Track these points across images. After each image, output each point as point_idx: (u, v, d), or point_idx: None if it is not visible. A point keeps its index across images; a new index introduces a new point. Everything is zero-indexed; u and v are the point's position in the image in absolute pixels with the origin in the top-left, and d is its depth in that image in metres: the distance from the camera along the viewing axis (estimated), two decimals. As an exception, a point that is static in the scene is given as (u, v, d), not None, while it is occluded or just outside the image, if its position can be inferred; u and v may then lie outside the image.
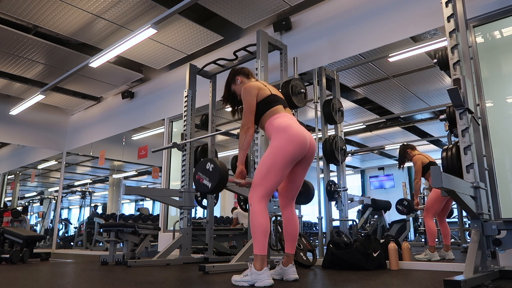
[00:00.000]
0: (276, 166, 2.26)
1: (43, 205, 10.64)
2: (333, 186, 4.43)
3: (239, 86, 2.62)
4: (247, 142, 2.38)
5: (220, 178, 2.32)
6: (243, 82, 2.63)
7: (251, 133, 2.40)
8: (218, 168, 2.33)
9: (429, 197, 4.00)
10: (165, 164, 6.16)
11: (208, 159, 2.44)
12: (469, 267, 2.14)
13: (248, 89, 2.47)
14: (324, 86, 4.73)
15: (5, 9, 4.64)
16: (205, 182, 2.37)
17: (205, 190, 2.39)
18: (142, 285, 2.27)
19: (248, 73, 2.69)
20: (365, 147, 9.72)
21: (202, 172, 2.40)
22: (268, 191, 2.29)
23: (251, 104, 2.43)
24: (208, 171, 2.37)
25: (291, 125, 2.34)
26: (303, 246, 3.42)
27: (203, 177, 2.39)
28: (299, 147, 2.29)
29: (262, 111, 2.45)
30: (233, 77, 2.68)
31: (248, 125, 2.40)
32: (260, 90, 2.48)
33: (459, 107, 2.48)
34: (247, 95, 2.45)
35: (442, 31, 3.36)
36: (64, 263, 4.40)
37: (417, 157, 4.21)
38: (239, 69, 2.70)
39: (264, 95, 2.47)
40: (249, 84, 2.52)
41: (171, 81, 6.44)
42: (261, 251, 2.21)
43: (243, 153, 2.41)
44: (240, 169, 2.45)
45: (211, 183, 2.35)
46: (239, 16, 4.77)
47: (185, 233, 4.27)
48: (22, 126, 7.99)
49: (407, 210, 5.51)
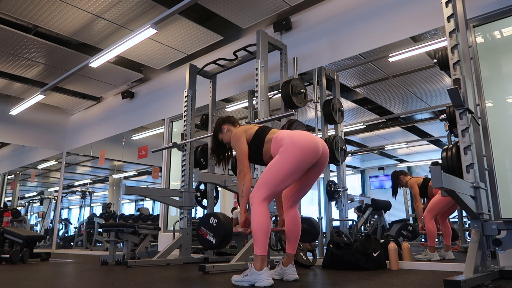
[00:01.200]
0: (284, 171, 2.25)
1: (43, 205, 10.64)
2: (333, 186, 4.43)
3: (227, 134, 2.63)
4: (246, 188, 2.34)
5: (224, 233, 2.26)
6: (229, 130, 2.63)
7: (249, 179, 2.37)
8: (222, 223, 2.26)
9: (433, 199, 3.98)
10: (165, 164, 6.16)
11: (212, 213, 2.37)
12: (469, 267, 2.14)
13: (236, 136, 2.48)
14: (324, 86, 4.73)
15: (5, 9, 4.64)
16: (209, 238, 2.32)
17: (209, 246, 2.33)
18: (142, 285, 2.27)
19: (234, 121, 2.69)
20: (365, 147, 9.72)
21: (205, 227, 2.34)
22: (272, 194, 2.29)
23: (243, 148, 2.43)
24: (211, 226, 2.31)
25: (298, 133, 2.35)
26: (303, 246, 3.42)
27: (206, 232, 2.33)
28: (309, 153, 2.28)
29: (260, 143, 2.44)
30: (219, 126, 2.68)
31: (244, 171, 2.38)
32: (248, 131, 2.49)
33: (459, 107, 2.48)
34: (237, 141, 2.45)
35: (442, 31, 3.36)
36: (64, 263, 4.40)
37: (411, 181, 4.27)
38: (225, 118, 2.70)
39: (253, 132, 2.48)
40: (236, 131, 2.53)
41: (171, 81, 6.44)
42: (261, 251, 2.21)
43: (244, 199, 2.36)
44: (244, 218, 2.42)
45: (215, 239, 2.29)
46: (239, 16, 4.77)
47: (185, 233, 4.27)
48: (22, 126, 7.99)
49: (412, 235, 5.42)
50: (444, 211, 3.94)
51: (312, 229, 3.18)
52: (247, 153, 2.43)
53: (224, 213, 2.35)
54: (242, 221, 2.43)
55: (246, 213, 2.42)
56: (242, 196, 2.36)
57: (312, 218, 3.17)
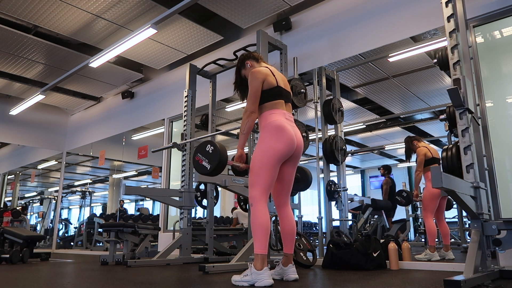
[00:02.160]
0: (269, 164, 2.29)
1: (43, 205, 10.64)
2: (333, 186, 4.43)
3: (249, 70, 2.57)
4: (248, 127, 2.36)
5: (219, 160, 2.33)
6: (253, 66, 2.59)
7: (253, 118, 2.38)
8: (217, 151, 2.33)
9: (424, 197, 3.97)
10: (165, 164, 6.16)
11: (208, 141, 2.43)
12: (469, 267, 2.14)
13: (255, 74, 2.43)
14: (324, 86, 4.73)
15: (5, 9, 4.64)
16: (204, 164, 2.38)
17: (204, 171, 2.39)
18: (142, 285, 2.27)
19: (258, 58, 2.64)
20: (365, 147, 9.72)
21: (201, 154, 2.40)
22: (264, 188, 2.30)
23: (257, 90, 2.40)
24: (208, 153, 2.37)
25: (283, 126, 2.35)
26: (303, 246, 3.42)
27: (202, 158, 2.39)
28: (288, 148, 2.33)
29: (263, 100, 2.43)
30: (242, 62, 2.64)
31: (251, 110, 2.38)
32: (267, 78, 2.44)
33: (459, 107, 2.48)
34: (254, 80, 2.42)
35: (442, 31, 3.36)
36: (64, 263, 4.40)
37: (421, 148, 4.12)
38: (249, 53, 2.67)
39: (270, 85, 2.43)
40: (257, 69, 2.48)
41: (171, 81, 6.44)
42: (261, 250, 2.21)
43: (244, 137, 2.40)
44: (240, 153, 2.44)
45: (210, 165, 2.35)
46: (239, 16, 4.77)
47: (185, 233, 4.27)
48: (22, 126, 7.99)
49: (406, 201, 5.51)
50: (438, 208, 3.94)
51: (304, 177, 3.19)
52: (259, 95, 2.41)
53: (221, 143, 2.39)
54: (237, 156, 2.43)
55: (243, 149, 2.43)
56: (243, 133, 2.38)
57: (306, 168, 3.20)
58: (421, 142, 4.25)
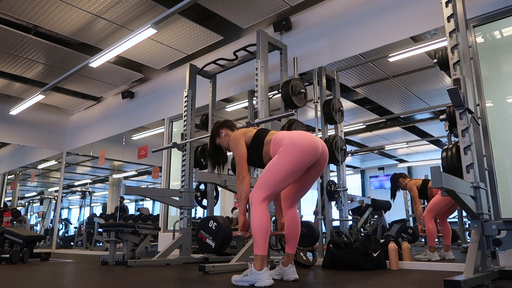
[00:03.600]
0: (284, 171, 2.24)
1: (43, 205, 10.64)
2: (333, 186, 4.43)
3: (224, 139, 2.62)
4: (245, 191, 2.34)
5: (224, 237, 2.25)
6: (227, 134, 2.62)
7: (248, 181, 2.37)
8: (221, 227, 2.25)
9: (433, 199, 3.98)
10: (165, 164, 6.16)
11: (211, 217, 2.36)
12: (469, 267, 2.14)
13: (235, 139, 2.47)
14: (324, 86, 4.73)
15: (5, 9, 4.64)
16: (208, 242, 2.30)
17: (208, 250, 2.32)
18: (142, 285, 2.27)
19: (232, 126, 2.68)
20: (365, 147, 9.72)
21: (204, 231, 2.33)
22: (272, 194, 2.29)
23: (242, 151, 2.42)
24: (211, 229, 2.30)
25: (297, 133, 2.35)
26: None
27: (206, 236, 2.32)
28: (308, 153, 2.27)
29: (259, 145, 2.43)
30: (217, 131, 2.66)
31: (243, 174, 2.37)
32: (246, 134, 2.49)
33: (459, 107, 2.48)
34: (236, 144, 2.45)
35: (442, 31, 3.36)
36: (64, 263, 4.40)
37: (410, 183, 4.27)
38: (223, 122, 2.69)
39: (252, 135, 2.48)
40: (234, 134, 2.53)
41: (171, 81, 6.44)
42: (261, 251, 2.21)
43: (243, 203, 2.37)
44: (243, 221, 2.42)
45: (214, 243, 2.28)
46: (239, 16, 4.77)
47: (185, 233, 4.27)
48: (22, 126, 7.99)
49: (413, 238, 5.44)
50: (444, 211, 3.94)
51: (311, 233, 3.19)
52: (246, 156, 2.43)
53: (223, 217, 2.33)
54: (241, 225, 2.42)
55: (245, 216, 2.42)
56: (240, 199, 2.35)
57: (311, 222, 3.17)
58: (406, 178, 4.40)
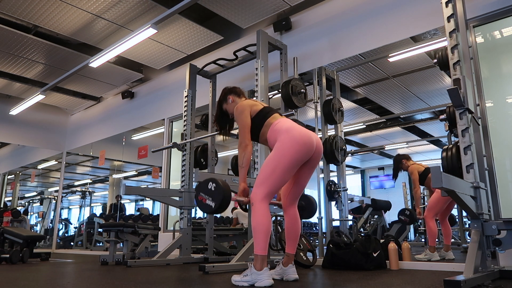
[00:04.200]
0: (282, 167, 2.25)
1: (43, 205, 10.64)
2: (333, 186, 4.43)
3: (231, 105, 2.64)
4: (246, 160, 2.37)
5: (223, 197, 2.27)
6: (234, 101, 2.64)
7: (250, 150, 2.39)
8: (220, 188, 2.28)
9: (432, 197, 4.00)
10: (165, 164, 6.16)
11: (210, 178, 2.38)
12: (469, 267, 2.14)
13: (240, 108, 2.50)
14: (324, 86, 4.73)
15: (5, 9, 4.64)
16: (208, 202, 2.33)
17: (208, 210, 2.34)
18: (142, 285, 2.27)
19: (239, 93, 2.71)
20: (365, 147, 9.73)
21: (204, 193, 2.35)
22: (271, 191, 2.29)
23: (246, 121, 2.45)
24: (210, 191, 2.32)
25: (293, 127, 2.34)
26: (303, 246, 3.42)
27: (205, 197, 2.34)
28: (305, 148, 2.28)
29: (259, 124, 2.46)
30: (224, 96, 2.70)
31: (245, 142, 2.39)
32: (253, 107, 2.51)
33: (459, 107, 2.48)
34: (240, 113, 2.47)
35: (442, 31, 3.36)
36: (64, 263, 4.40)
37: (412, 166, 4.25)
38: (231, 88, 2.72)
39: (257, 109, 2.50)
40: (241, 103, 2.55)
41: (171, 81, 6.44)
42: (261, 251, 2.20)
43: (243, 171, 2.40)
44: (243, 187, 2.43)
45: (214, 203, 2.30)
46: (239, 16, 4.77)
47: (185, 233, 4.27)
48: (22, 126, 7.99)
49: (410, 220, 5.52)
50: (444, 210, 3.96)
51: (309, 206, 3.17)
52: (250, 126, 2.45)
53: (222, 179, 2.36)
54: (240, 190, 2.43)
55: (245, 183, 2.43)
56: (242, 167, 2.38)
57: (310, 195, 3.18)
58: (410, 160, 4.36)
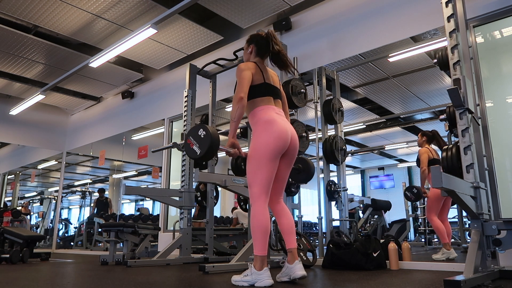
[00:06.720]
0: (264, 160, 2.26)
1: (43, 205, 10.64)
2: (333, 186, 4.43)
3: (246, 54, 2.57)
4: (238, 114, 2.29)
5: (210, 145, 2.22)
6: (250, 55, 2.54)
7: (244, 104, 2.31)
8: (209, 135, 2.23)
9: (429, 197, 4.01)
10: (165, 164, 6.16)
11: (202, 125, 2.32)
12: (469, 267, 2.14)
13: (242, 67, 2.39)
14: (324, 86, 4.73)
15: (5, 9, 4.64)
16: (194, 148, 2.27)
17: (193, 155, 2.29)
18: (142, 285, 2.27)
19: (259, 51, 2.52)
20: (365, 147, 9.73)
21: (193, 138, 2.32)
22: (263, 187, 2.27)
23: (247, 77, 2.35)
24: (199, 137, 2.28)
25: (274, 120, 2.32)
26: (303, 246, 3.42)
27: (193, 142, 2.29)
28: (281, 141, 2.28)
29: (250, 96, 2.38)
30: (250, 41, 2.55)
31: (241, 95, 2.29)
32: (255, 76, 2.41)
33: (459, 107, 2.48)
34: (241, 71, 2.37)
35: (442, 31, 3.36)
36: (64, 263, 4.40)
37: (423, 149, 4.16)
38: (258, 38, 2.52)
39: (257, 81, 2.41)
40: (244, 63, 2.44)
41: (171, 81, 6.44)
42: (261, 251, 2.20)
43: (234, 124, 2.32)
44: (231, 142, 2.36)
45: (200, 150, 2.25)
46: (239, 16, 4.77)
47: (185, 233, 4.27)
48: (22, 126, 7.99)
49: (415, 197, 5.64)
50: (442, 207, 3.97)
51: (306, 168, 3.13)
52: (249, 82, 2.36)
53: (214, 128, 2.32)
54: (229, 143, 2.36)
55: (234, 138, 2.35)
56: (233, 121, 2.31)
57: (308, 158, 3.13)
58: (425, 142, 4.23)
